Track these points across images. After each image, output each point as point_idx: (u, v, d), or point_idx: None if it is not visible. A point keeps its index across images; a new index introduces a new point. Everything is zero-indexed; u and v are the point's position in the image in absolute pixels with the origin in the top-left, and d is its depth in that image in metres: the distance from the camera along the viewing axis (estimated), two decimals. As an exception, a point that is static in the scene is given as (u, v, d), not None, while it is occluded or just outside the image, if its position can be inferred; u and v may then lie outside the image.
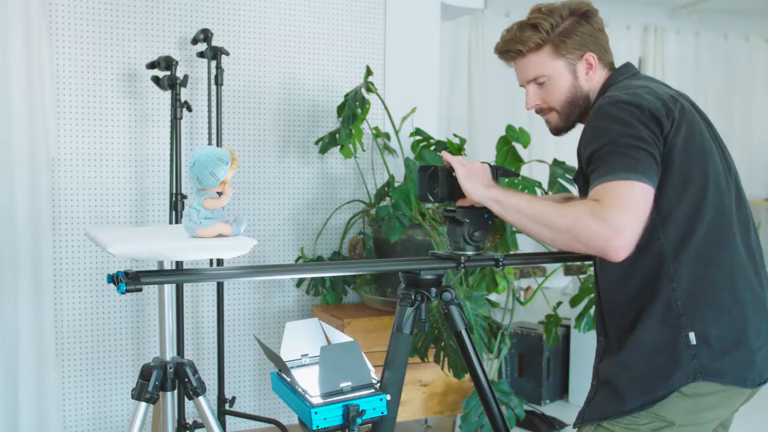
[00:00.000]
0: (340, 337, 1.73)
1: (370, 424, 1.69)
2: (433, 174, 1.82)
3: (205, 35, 3.15)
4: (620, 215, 1.43)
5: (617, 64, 1.80)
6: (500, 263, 1.83)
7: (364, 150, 3.65)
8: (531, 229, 1.60)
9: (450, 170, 1.79)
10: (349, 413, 1.56)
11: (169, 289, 1.73)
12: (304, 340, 1.80)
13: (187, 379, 1.72)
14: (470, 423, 3.07)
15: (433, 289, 1.82)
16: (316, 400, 1.56)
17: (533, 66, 1.76)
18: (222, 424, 3.19)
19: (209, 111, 3.18)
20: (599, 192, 1.47)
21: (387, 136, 3.70)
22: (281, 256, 3.61)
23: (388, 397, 1.63)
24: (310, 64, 3.64)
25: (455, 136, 3.49)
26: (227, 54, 3.17)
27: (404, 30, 3.81)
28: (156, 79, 3.06)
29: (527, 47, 1.75)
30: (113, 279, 1.48)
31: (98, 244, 1.57)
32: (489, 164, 1.82)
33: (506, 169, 1.87)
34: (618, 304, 1.65)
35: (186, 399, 2.93)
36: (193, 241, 1.57)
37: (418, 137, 3.52)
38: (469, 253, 1.81)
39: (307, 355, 1.79)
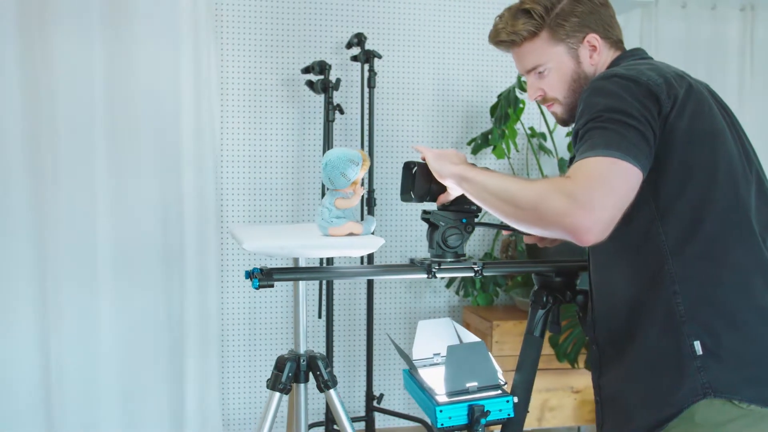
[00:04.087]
0: (471, 337, 1.73)
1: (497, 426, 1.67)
2: (415, 171, 1.66)
3: (359, 39, 3.24)
4: (590, 191, 1.23)
5: None
6: (479, 273, 1.69)
7: (518, 151, 3.61)
8: (495, 206, 1.41)
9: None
10: (473, 413, 1.55)
11: (303, 286, 1.80)
12: (436, 339, 1.80)
13: (318, 372, 1.78)
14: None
15: (568, 292, 1.78)
16: (442, 398, 1.57)
17: (530, 55, 1.58)
18: (370, 420, 3.27)
19: (362, 113, 3.26)
20: (573, 169, 1.29)
21: (543, 136, 3.64)
22: (433, 256, 3.62)
23: (515, 399, 1.61)
24: (464, 64, 3.65)
25: (613, 135, 3.37)
26: (380, 57, 3.24)
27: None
28: (310, 83, 3.19)
29: (521, 36, 1.57)
30: (250, 275, 1.56)
31: (236, 240, 1.66)
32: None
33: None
34: (613, 309, 1.49)
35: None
36: (322, 239, 1.63)
37: (574, 137, 3.43)
38: (448, 259, 1.68)
39: (439, 354, 1.80)
